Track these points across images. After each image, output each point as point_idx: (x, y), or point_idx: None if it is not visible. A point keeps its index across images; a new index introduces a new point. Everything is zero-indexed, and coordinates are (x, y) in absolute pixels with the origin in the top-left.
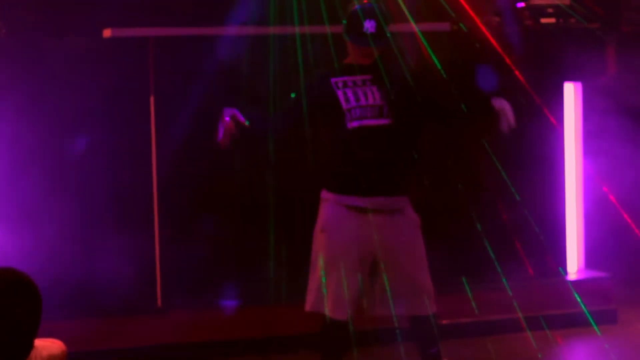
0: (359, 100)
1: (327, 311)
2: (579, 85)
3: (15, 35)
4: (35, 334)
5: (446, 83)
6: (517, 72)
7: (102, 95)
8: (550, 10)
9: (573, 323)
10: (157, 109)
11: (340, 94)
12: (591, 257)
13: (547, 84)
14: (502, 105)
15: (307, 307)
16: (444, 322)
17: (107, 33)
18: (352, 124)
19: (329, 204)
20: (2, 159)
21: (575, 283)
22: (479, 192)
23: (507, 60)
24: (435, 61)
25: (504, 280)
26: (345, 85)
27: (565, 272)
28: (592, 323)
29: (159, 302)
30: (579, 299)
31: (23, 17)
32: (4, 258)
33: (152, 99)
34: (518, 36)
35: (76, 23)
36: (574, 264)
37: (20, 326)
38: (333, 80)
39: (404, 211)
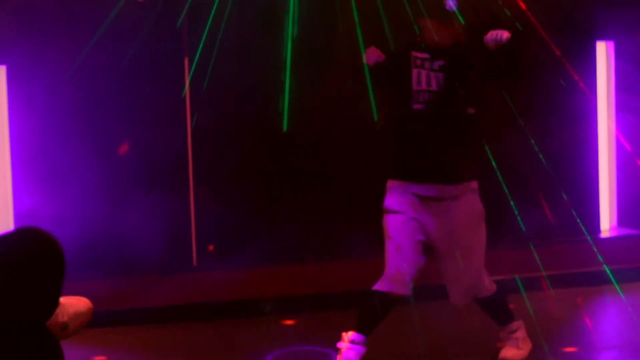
0: (430, 85)
1: (385, 284)
2: (611, 44)
3: None
4: (60, 291)
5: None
6: (545, 33)
7: (136, 58)
8: None
9: (605, 281)
10: (191, 70)
11: (414, 72)
12: (624, 214)
13: (580, 42)
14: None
15: (376, 286)
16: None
17: None
18: (417, 106)
19: (389, 191)
20: (39, 122)
21: (607, 241)
22: (509, 151)
23: (536, 23)
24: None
25: (530, 242)
26: (422, 65)
27: (592, 231)
28: (614, 281)
29: (194, 261)
30: (601, 259)
31: None
32: (42, 220)
33: (186, 60)
34: None
35: None
36: (607, 222)
37: (45, 284)
38: (413, 54)
39: (460, 199)
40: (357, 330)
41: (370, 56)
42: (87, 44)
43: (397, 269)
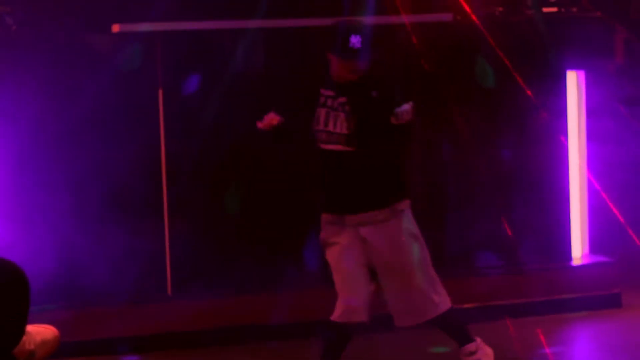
0: (327, 125)
1: (338, 316)
2: (581, 73)
3: (25, 29)
4: (26, 320)
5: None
6: (509, 63)
7: (111, 89)
8: None
9: (578, 308)
10: (165, 103)
11: (317, 111)
12: (595, 242)
13: (550, 72)
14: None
15: (335, 316)
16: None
17: (116, 28)
18: (321, 145)
19: (323, 224)
20: (13, 150)
21: (579, 268)
22: (481, 179)
23: (500, 53)
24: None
25: (492, 267)
26: (325, 104)
27: (563, 258)
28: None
29: (169, 290)
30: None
31: (33, 12)
32: (14, 249)
33: (160, 92)
34: (521, 26)
35: (86, 18)
36: (579, 249)
37: (11, 312)
38: (322, 91)
39: (388, 222)
40: None
41: (264, 121)
42: (61, 74)
43: (347, 299)
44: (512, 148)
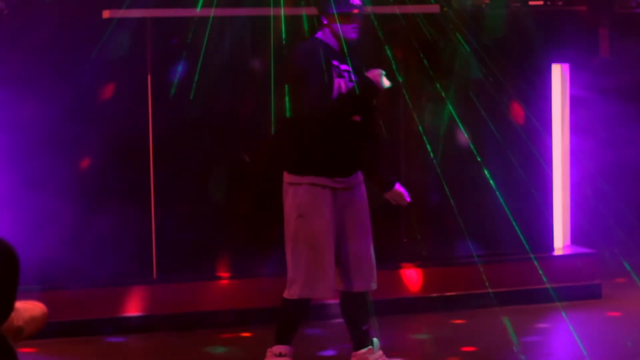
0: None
1: (319, 293)
2: (566, 66)
3: (17, 15)
4: (15, 296)
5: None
6: (494, 54)
7: (100, 74)
8: None
9: (558, 298)
10: (154, 88)
11: (336, 82)
12: (577, 233)
13: (535, 65)
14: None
15: (296, 294)
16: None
17: (106, 14)
18: (336, 114)
19: (301, 188)
20: (3, 137)
21: (560, 259)
22: (461, 171)
23: (486, 44)
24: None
25: (475, 256)
26: (339, 74)
27: (544, 249)
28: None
29: (154, 274)
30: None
31: None
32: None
33: (149, 78)
34: (507, 18)
35: (76, 3)
36: (560, 240)
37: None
38: (334, 62)
39: (360, 186)
40: (281, 342)
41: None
42: (52, 59)
43: (322, 277)
44: (495, 139)
